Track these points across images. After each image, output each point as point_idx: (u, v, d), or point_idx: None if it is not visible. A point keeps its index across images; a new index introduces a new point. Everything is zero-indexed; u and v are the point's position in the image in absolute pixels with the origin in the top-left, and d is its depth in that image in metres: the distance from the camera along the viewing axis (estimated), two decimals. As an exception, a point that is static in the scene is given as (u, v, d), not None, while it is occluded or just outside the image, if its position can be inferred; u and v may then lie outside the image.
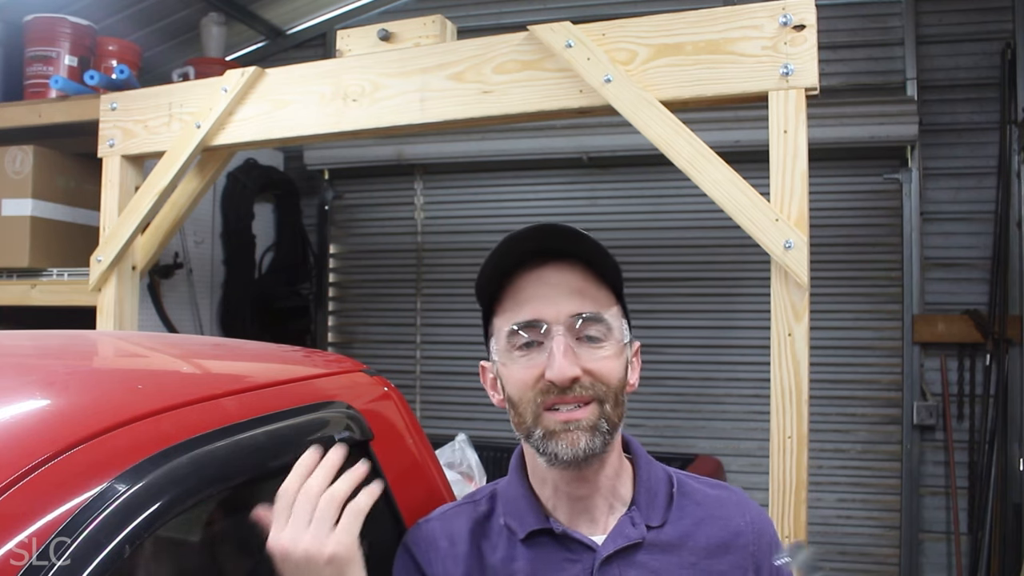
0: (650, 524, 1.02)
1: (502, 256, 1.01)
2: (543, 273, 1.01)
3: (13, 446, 0.80)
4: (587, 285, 1.01)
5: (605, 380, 0.98)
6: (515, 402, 1.00)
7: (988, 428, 3.59)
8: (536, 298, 0.99)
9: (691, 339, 3.96)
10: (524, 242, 1.01)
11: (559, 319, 0.98)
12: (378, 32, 2.36)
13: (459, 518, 1.07)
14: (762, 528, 1.06)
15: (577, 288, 1.00)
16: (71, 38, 3.30)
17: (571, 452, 0.96)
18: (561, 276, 1.01)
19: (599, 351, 0.99)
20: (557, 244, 1.01)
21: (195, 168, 2.73)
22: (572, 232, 1.01)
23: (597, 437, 0.97)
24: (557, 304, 0.98)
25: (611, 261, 1.03)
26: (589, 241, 1.01)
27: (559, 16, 2.24)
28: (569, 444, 0.96)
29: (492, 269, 1.02)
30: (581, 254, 1.02)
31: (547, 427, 0.97)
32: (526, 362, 0.98)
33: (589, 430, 0.97)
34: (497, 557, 1.02)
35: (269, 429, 1.02)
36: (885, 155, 3.77)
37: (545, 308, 0.98)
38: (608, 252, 1.02)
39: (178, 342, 1.97)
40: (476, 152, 4.07)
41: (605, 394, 0.98)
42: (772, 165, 1.86)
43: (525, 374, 0.98)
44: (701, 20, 1.98)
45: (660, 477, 1.07)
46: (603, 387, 0.98)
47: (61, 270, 3.11)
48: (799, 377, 1.80)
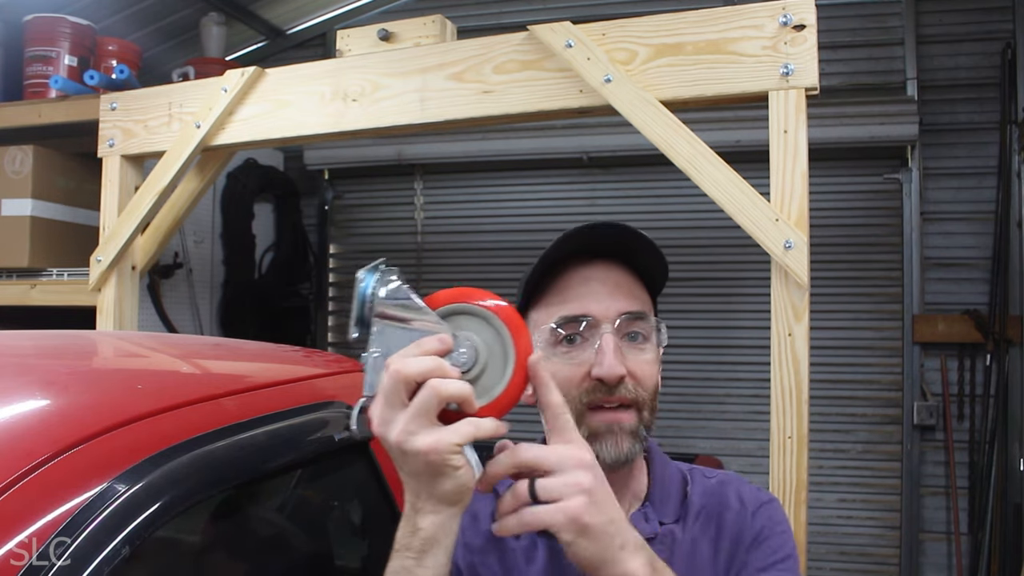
0: (663, 520, 1.01)
1: (551, 251, 0.99)
2: (591, 269, 1.00)
3: (13, 446, 0.80)
4: (633, 284, 1.01)
5: (645, 384, 0.98)
6: None
7: (988, 428, 3.59)
8: (585, 294, 0.98)
9: (691, 339, 3.95)
10: (573, 239, 0.99)
11: (608, 315, 0.97)
12: (378, 32, 2.36)
13: (482, 501, 1.06)
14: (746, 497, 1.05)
15: (625, 286, 1.00)
16: (71, 38, 3.29)
17: (615, 454, 0.95)
18: (609, 273, 1.00)
19: (642, 353, 0.98)
20: (607, 241, 1.00)
21: (195, 168, 2.73)
22: (626, 230, 0.99)
23: (637, 443, 0.97)
24: (606, 301, 0.98)
25: (661, 261, 1.02)
26: (643, 240, 1.00)
27: (559, 16, 2.23)
28: (614, 446, 0.95)
29: (539, 263, 1.00)
30: (629, 253, 1.01)
31: (592, 428, 0.96)
32: (570, 359, 0.97)
33: (631, 435, 0.96)
34: (519, 543, 1.02)
35: (269, 429, 1.02)
36: (885, 155, 3.77)
37: (593, 304, 0.97)
38: (661, 253, 1.01)
39: (178, 342, 1.97)
40: (476, 152, 4.07)
41: (644, 400, 0.98)
42: (772, 165, 1.85)
43: (570, 371, 0.97)
44: (701, 20, 1.98)
45: (674, 475, 1.07)
46: (644, 393, 0.98)
47: (61, 270, 3.10)
48: (799, 377, 1.80)
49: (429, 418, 0.79)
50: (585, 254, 1.00)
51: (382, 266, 0.83)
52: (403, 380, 0.78)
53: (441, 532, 0.83)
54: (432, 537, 0.83)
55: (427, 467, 0.79)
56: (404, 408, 0.79)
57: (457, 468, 0.80)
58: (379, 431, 0.81)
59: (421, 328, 0.81)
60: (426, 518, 0.82)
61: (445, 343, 0.81)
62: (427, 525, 0.82)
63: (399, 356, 0.80)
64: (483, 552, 1.01)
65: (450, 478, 0.80)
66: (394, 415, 0.80)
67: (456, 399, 0.79)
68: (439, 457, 0.78)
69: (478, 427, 0.80)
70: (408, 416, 0.79)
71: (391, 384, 0.79)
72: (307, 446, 1.11)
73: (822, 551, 3.73)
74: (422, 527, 0.82)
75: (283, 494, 1.29)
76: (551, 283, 1.01)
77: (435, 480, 0.81)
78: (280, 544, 1.30)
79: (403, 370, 0.78)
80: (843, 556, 3.77)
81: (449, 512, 0.83)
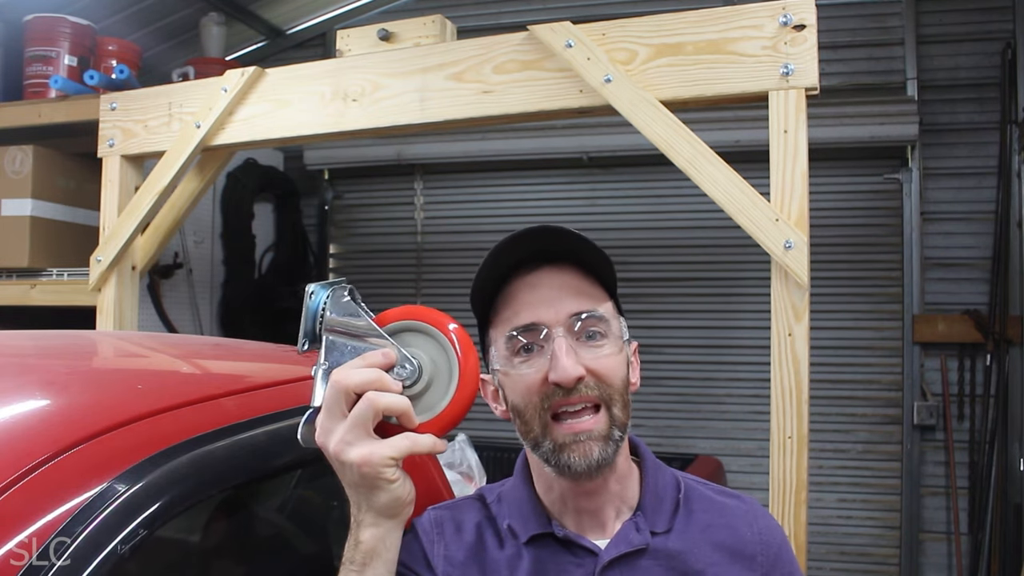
0: (655, 530, 1.00)
1: (493, 265, 0.99)
2: (536, 276, 0.99)
3: (13, 446, 0.80)
4: (582, 284, 1.00)
5: (608, 380, 0.96)
6: (520, 410, 0.98)
7: (988, 428, 3.59)
8: (533, 302, 0.98)
9: (691, 339, 3.96)
10: (513, 248, 0.99)
11: (558, 320, 0.96)
12: (378, 32, 2.36)
13: (468, 511, 1.06)
14: (769, 540, 1.03)
15: (573, 287, 0.99)
16: (71, 38, 3.29)
17: (584, 463, 0.94)
18: (554, 277, 0.99)
19: (600, 350, 0.97)
20: (547, 246, 0.99)
21: (195, 168, 2.73)
22: (561, 232, 0.99)
23: (610, 446, 0.95)
24: (554, 305, 0.97)
25: (603, 257, 1.01)
26: (579, 239, 0.99)
27: (559, 16, 2.23)
28: (582, 456, 0.94)
29: (484, 278, 1.00)
30: (572, 254, 1.00)
31: (557, 439, 0.95)
32: (527, 368, 0.96)
33: (602, 439, 0.95)
34: (501, 554, 1.01)
35: (269, 429, 1.02)
36: (885, 155, 3.77)
37: (542, 310, 0.97)
38: (599, 248, 1.00)
39: (178, 342, 1.97)
40: (476, 152, 4.07)
41: (611, 396, 0.96)
42: (772, 165, 1.85)
43: (528, 380, 0.96)
44: (701, 20, 1.97)
45: (668, 482, 1.06)
46: (608, 388, 0.96)
47: (61, 270, 3.10)
48: (799, 377, 1.80)
49: (366, 429, 0.80)
50: (530, 261, 1.00)
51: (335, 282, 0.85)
52: (343, 391, 0.80)
53: (381, 545, 0.84)
54: (372, 550, 0.84)
55: (362, 479, 0.80)
56: (343, 419, 0.80)
57: (391, 481, 0.81)
58: (320, 440, 0.83)
59: (369, 343, 0.83)
60: (367, 531, 0.84)
61: (388, 357, 0.83)
62: (367, 538, 0.84)
63: (343, 368, 0.82)
64: (464, 565, 1.00)
65: (384, 491, 0.81)
66: (334, 425, 0.81)
67: (393, 412, 0.81)
68: (372, 469, 0.79)
69: (415, 442, 0.81)
70: (346, 427, 0.80)
71: (332, 395, 0.81)
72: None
73: (822, 551, 3.73)
74: (362, 540, 0.84)
75: (283, 494, 1.29)
76: (502, 295, 1.00)
77: (371, 492, 0.82)
78: (280, 544, 1.30)
79: (343, 381, 0.80)
80: (843, 556, 3.77)
81: (388, 525, 0.84)
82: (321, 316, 0.83)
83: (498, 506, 1.06)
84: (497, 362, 1.00)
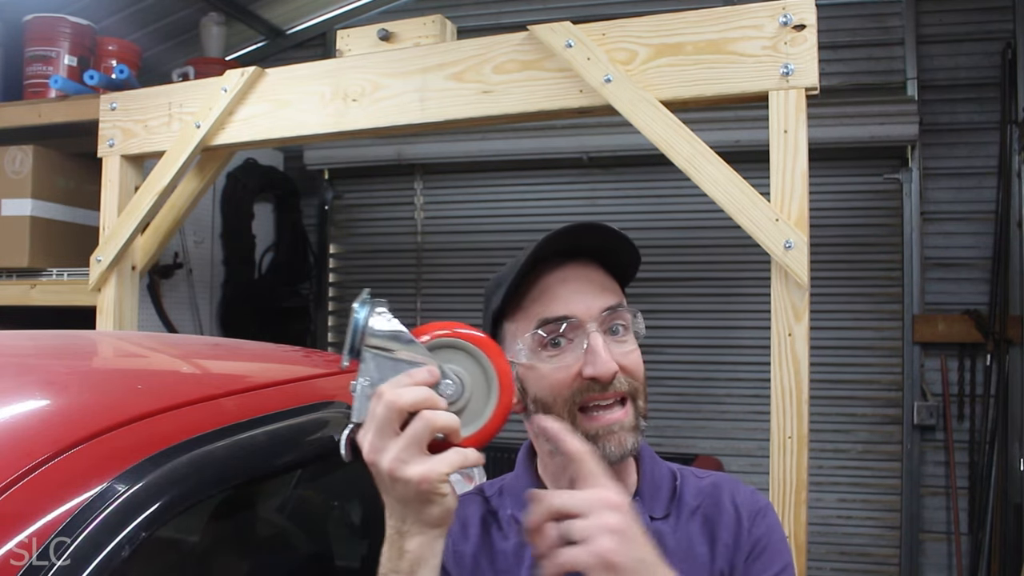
0: (653, 515, 1.02)
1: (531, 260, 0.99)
2: (565, 271, 1.00)
3: (13, 446, 0.80)
4: (605, 279, 1.01)
5: (635, 375, 0.99)
6: (548, 404, 0.98)
7: (988, 428, 3.59)
8: (564, 295, 0.98)
9: (691, 339, 3.95)
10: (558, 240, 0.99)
11: (591, 315, 0.97)
12: (378, 32, 2.36)
13: (471, 505, 1.08)
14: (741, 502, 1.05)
15: (598, 282, 1.00)
16: (71, 38, 3.29)
17: (619, 452, 0.97)
18: (581, 271, 1.00)
19: (625, 345, 0.99)
20: (583, 242, 1.00)
21: (195, 168, 2.73)
22: (608, 232, 1.00)
23: (637, 434, 0.99)
24: (587, 299, 0.98)
25: (636, 254, 1.02)
26: (611, 233, 1.00)
27: (559, 16, 2.23)
28: (617, 445, 0.96)
29: (513, 270, 1.00)
30: (597, 250, 1.01)
31: (589, 431, 0.96)
32: (558, 362, 0.97)
33: (632, 430, 0.98)
34: (508, 544, 1.02)
35: (269, 429, 1.02)
36: (885, 155, 3.77)
37: (575, 304, 0.97)
38: (635, 246, 1.01)
39: (178, 342, 1.97)
40: (476, 152, 4.07)
41: (636, 390, 0.99)
42: (772, 165, 1.86)
43: (559, 374, 0.97)
44: (701, 20, 1.98)
45: (664, 472, 1.08)
46: (635, 382, 0.98)
47: (61, 270, 3.10)
48: (799, 377, 1.80)
49: (420, 448, 0.81)
50: (557, 256, 1.01)
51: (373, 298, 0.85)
52: (397, 410, 0.80)
53: (429, 552, 0.85)
54: (420, 557, 0.85)
55: (417, 495, 0.81)
56: (396, 437, 0.81)
57: (444, 495, 0.82)
58: (370, 458, 0.83)
59: (409, 360, 0.84)
60: (413, 540, 0.85)
61: (434, 375, 0.83)
62: (414, 547, 0.85)
63: (391, 386, 0.82)
64: (473, 559, 1.02)
65: (437, 504, 0.83)
66: (386, 443, 0.81)
67: (446, 431, 0.82)
68: (430, 486, 0.80)
69: (465, 457, 0.83)
70: (401, 445, 0.81)
71: (384, 413, 0.81)
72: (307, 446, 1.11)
73: (822, 551, 3.73)
74: (409, 549, 0.85)
75: (283, 494, 1.29)
76: (525, 289, 1.01)
77: (424, 506, 0.83)
78: (280, 544, 1.30)
79: (397, 401, 0.80)
80: (843, 556, 3.77)
81: (434, 533, 0.85)
82: (363, 332, 0.83)
83: (499, 499, 1.08)
84: (521, 355, 1.00)
